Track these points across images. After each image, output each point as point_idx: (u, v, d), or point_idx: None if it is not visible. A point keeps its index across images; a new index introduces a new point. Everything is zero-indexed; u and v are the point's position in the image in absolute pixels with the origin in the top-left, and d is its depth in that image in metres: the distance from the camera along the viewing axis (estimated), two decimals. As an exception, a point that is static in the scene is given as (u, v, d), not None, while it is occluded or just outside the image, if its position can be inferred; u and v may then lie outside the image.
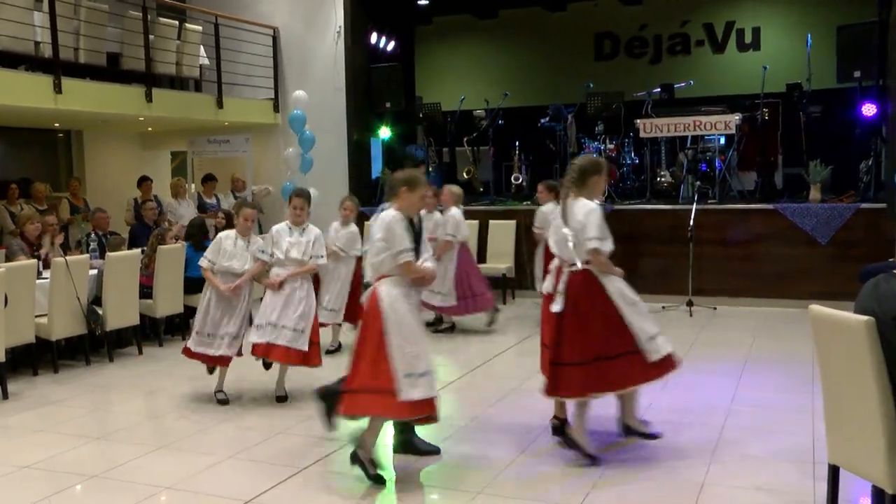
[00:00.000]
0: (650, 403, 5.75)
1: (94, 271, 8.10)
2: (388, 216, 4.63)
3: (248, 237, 6.47)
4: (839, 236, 9.42)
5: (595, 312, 4.83)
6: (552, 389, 4.95)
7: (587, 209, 4.86)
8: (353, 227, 8.11)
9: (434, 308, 8.69)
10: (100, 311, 7.91)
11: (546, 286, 5.09)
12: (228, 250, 6.39)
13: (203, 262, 6.44)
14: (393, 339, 4.52)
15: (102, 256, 8.31)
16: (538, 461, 5.00)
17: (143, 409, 6.57)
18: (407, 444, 5.12)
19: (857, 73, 9.82)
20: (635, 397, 5.28)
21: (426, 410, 4.67)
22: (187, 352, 6.52)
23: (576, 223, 4.85)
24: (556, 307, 4.86)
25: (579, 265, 4.83)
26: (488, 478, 4.75)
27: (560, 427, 5.20)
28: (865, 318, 3.37)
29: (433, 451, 5.12)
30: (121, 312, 8.07)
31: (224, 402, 6.39)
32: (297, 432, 5.67)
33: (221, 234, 6.51)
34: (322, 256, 6.44)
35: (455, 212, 8.65)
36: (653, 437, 5.28)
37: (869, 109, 10.10)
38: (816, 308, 3.73)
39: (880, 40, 9.77)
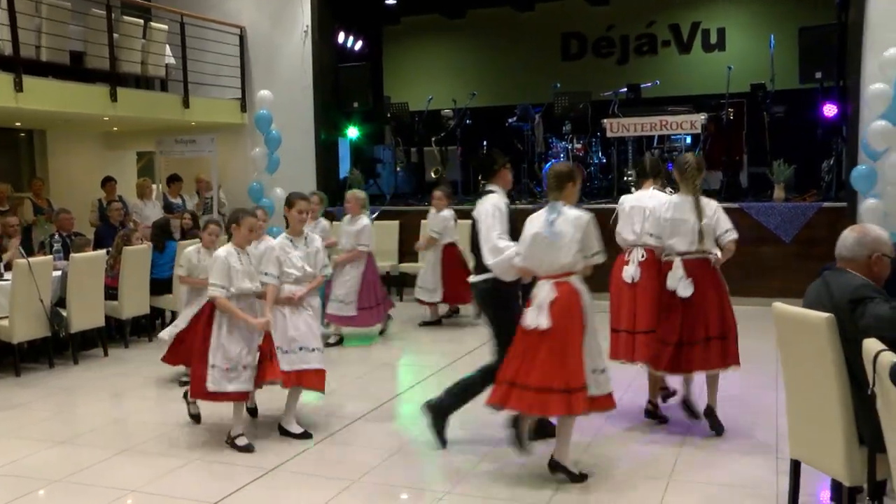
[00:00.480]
0: (620, 398, 5.77)
1: (59, 273, 7.99)
2: (583, 217, 4.54)
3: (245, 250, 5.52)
4: (802, 235, 9.56)
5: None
6: (676, 367, 5.24)
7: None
8: (364, 221, 8.23)
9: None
10: (64, 313, 7.81)
11: (631, 273, 5.61)
12: (239, 269, 5.34)
13: (216, 292, 5.24)
14: (588, 335, 4.52)
15: (67, 258, 8.21)
16: (505, 460, 5.00)
17: (108, 412, 6.49)
18: (541, 427, 5.04)
19: (818, 75, 9.98)
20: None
21: (608, 405, 4.65)
22: (205, 394, 5.30)
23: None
24: (686, 292, 5.16)
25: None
26: (456, 477, 4.76)
27: (653, 412, 5.58)
28: (826, 315, 3.44)
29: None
30: (85, 314, 7.98)
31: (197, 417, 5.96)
32: (263, 434, 5.63)
33: (221, 254, 5.34)
34: (327, 265, 5.95)
35: (366, 220, 8.37)
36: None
37: (830, 110, 10.26)
38: (779, 306, 3.80)
39: (840, 42, 9.94)
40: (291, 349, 5.43)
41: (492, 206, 4.95)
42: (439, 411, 5.21)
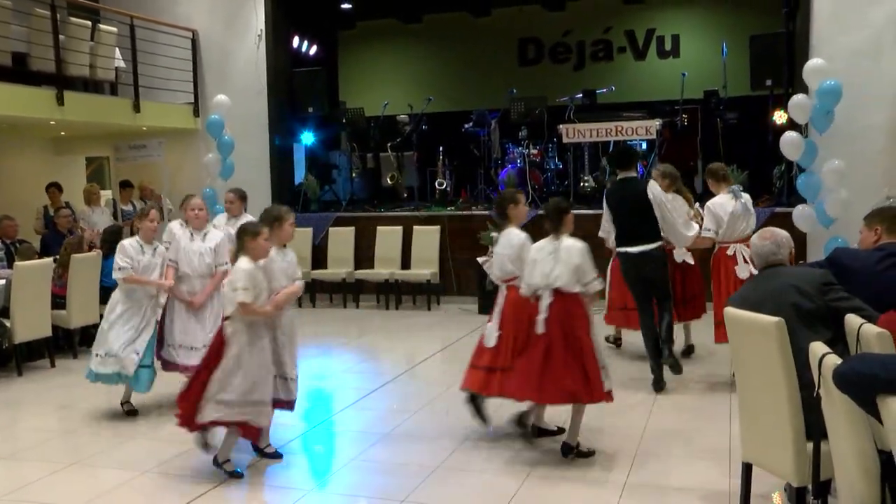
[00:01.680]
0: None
1: (2, 281, 7.75)
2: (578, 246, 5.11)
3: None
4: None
5: None
6: None
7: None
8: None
9: None
10: (7, 323, 7.58)
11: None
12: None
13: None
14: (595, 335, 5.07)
15: (10, 266, 7.97)
16: (462, 467, 4.97)
17: (54, 425, 6.30)
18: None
19: (768, 82, 10.14)
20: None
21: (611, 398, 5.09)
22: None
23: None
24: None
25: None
26: (412, 485, 4.70)
27: None
28: (776, 318, 3.50)
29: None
30: (30, 324, 7.74)
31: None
32: (219, 442, 5.48)
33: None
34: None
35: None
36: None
37: (780, 117, 10.41)
38: (731, 310, 3.86)
39: (788, 50, 10.10)
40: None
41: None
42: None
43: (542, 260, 5.07)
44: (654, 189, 6.37)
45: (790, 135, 8.95)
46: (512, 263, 5.27)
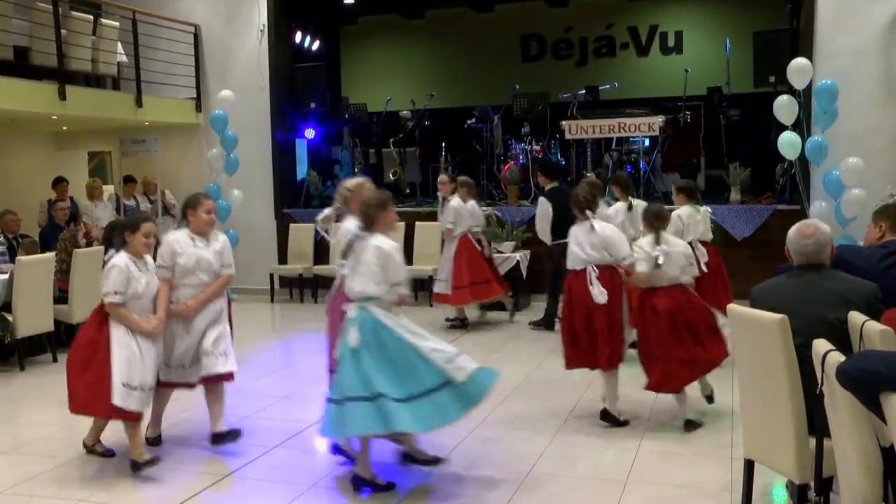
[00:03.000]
0: (579, 398, 5.76)
1: (4, 276, 7.74)
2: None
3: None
4: (757, 237, 9.66)
5: None
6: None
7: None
8: None
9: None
10: (9, 318, 7.57)
11: None
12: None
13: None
14: None
15: (12, 260, 7.96)
16: (467, 461, 4.94)
17: (55, 420, 6.25)
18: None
19: (772, 79, 10.08)
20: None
21: None
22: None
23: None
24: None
25: None
26: (413, 478, 4.67)
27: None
28: (779, 316, 3.47)
29: None
30: (33, 319, 7.73)
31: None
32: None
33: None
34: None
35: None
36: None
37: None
38: (734, 307, 3.86)
39: (792, 47, 10.07)
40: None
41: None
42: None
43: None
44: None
45: (787, 135, 8.99)
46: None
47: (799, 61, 8.98)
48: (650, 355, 5.35)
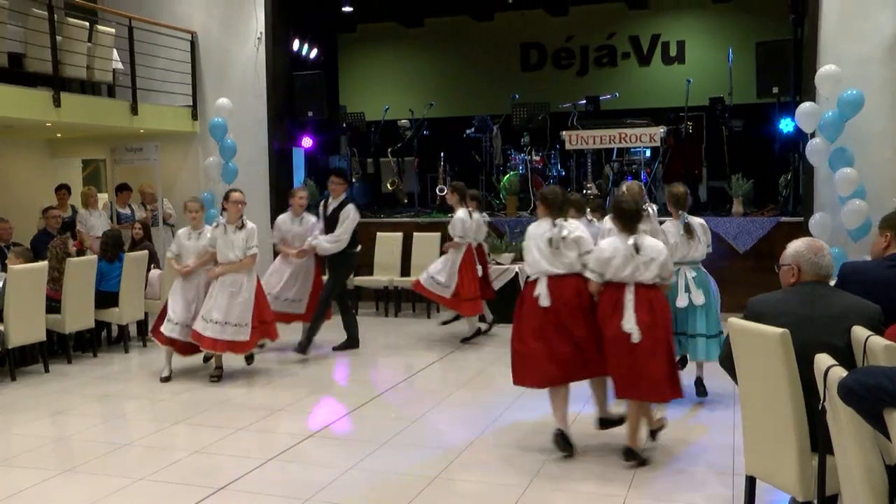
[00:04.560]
0: (575, 417, 5.64)
1: (-4, 284, 7.62)
2: None
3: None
4: (760, 249, 9.53)
5: None
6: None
7: None
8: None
9: None
10: (1, 327, 7.44)
11: None
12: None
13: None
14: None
15: (5, 269, 7.84)
16: (460, 477, 4.85)
17: (47, 431, 6.14)
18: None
19: (775, 90, 9.99)
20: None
21: None
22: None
23: None
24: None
25: None
26: (410, 494, 4.58)
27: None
28: (781, 330, 3.44)
29: None
30: (24, 328, 7.58)
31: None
32: (214, 451, 5.43)
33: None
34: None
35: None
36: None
37: (786, 125, 10.27)
38: (735, 321, 3.80)
39: (795, 58, 9.96)
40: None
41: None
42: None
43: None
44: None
45: (815, 142, 8.88)
46: None
47: (828, 69, 8.82)
48: None
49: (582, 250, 5.13)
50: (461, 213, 8.65)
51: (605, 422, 5.43)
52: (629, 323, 4.83)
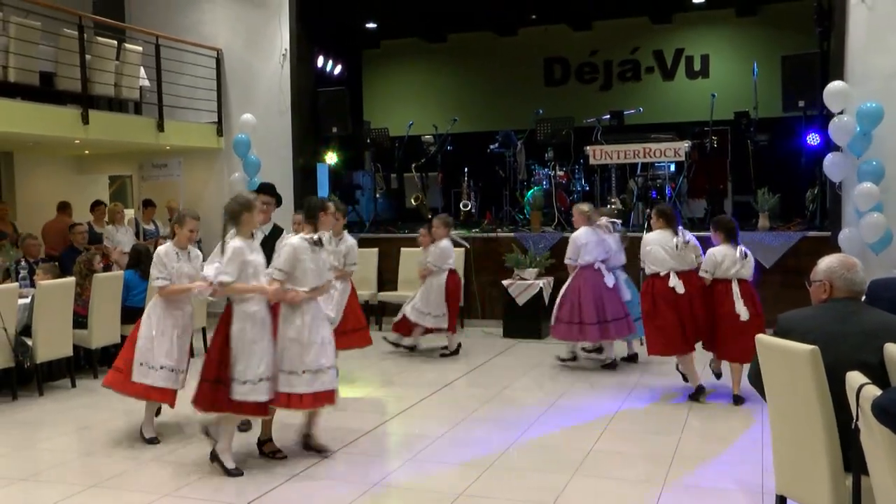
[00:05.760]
0: (621, 405, 5.59)
1: (25, 300, 7.68)
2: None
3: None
4: (787, 264, 9.42)
5: None
6: None
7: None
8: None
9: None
10: (29, 343, 7.50)
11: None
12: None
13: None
14: None
15: (33, 284, 7.91)
16: (484, 494, 4.80)
17: (73, 447, 6.18)
18: None
19: (801, 103, 9.89)
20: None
21: None
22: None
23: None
24: None
25: None
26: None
27: None
28: (810, 347, 3.40)
29: None
30: (52, 343, 7.64)
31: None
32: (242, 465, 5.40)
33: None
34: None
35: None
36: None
37: (813, 139, 10.18)
38: (763, 337, 3.77)
39: (822, 71, 9.87)
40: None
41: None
42: None
43: None
44: None
45: (834, 155, 8.84)
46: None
47: (836, 85, 8.79)
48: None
49: (697, 253, 6.88)
50: (444, 242, 8.81)
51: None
52: (739, 304, 6.46)
